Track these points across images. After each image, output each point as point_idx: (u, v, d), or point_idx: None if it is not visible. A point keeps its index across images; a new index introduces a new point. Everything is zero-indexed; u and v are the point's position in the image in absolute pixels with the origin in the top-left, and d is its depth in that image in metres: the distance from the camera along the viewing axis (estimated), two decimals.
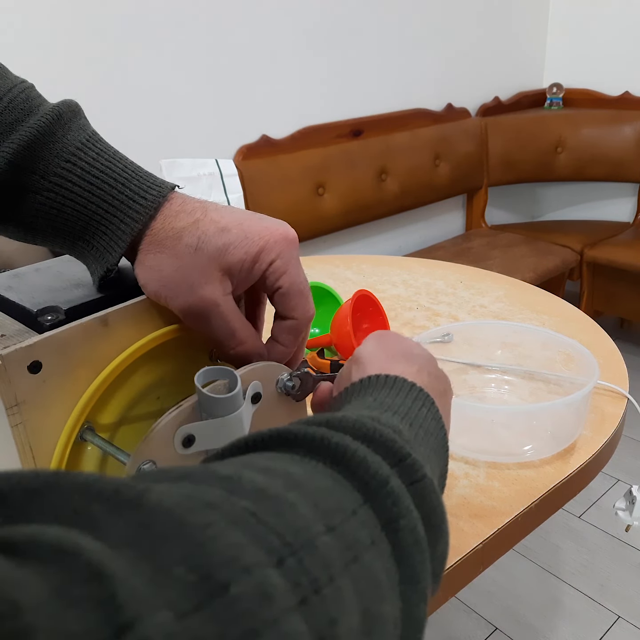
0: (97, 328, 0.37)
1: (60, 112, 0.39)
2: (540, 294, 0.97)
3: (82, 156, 0.38)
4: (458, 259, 2.19)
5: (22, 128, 0.38)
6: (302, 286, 0.41)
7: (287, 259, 0.39)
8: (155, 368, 0.40)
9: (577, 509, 1.73)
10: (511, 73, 2.67)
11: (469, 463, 0.59)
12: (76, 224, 0.39)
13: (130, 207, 0.38)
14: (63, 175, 0.38)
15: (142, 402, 0.40)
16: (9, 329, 0.35)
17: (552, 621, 1.42)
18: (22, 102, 0.38)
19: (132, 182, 0.39)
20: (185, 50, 1.73)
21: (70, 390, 0.36)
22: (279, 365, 0.41)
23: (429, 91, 2.38)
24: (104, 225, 0.39)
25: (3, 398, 0.33)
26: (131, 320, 0.39)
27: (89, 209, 0.38)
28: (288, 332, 0.42)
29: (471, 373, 0.74)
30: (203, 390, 0.35)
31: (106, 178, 0.38)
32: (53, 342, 0.34)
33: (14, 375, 0.33)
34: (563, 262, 2.24)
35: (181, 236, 0.38)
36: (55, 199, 0.38)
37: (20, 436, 0.34)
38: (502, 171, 2.55)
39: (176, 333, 0.41)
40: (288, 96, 1.99)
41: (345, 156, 2.10)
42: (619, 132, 2.46)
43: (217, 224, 0.39)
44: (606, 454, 0.62)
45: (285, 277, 0.40)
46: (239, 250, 0.38)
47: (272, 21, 1.88)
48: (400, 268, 1.10)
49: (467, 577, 0.50)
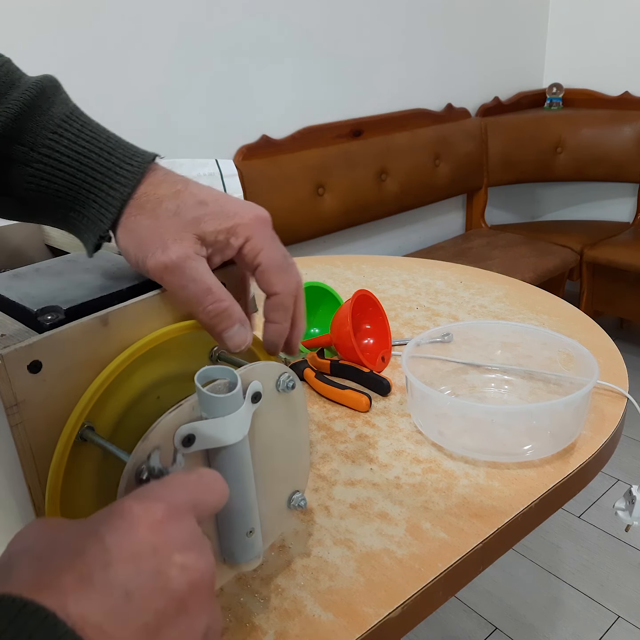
0: (97, 328, 0.37)
1: (43, 86, 0.40)
2: (540, 294, 0.97)
3: (67, 127, 0.40)
4: (458, 259, 2.19)
5: (6, 101, 0.38)
6: (280, 261, 0.42)
7: (262, 236, 0.41)
8: (156, 368, 0.40)
9: (577, 508, 1.73)
10: (511, 73, 2.67)
11: (468, 463, 0.60)
12: (67, 195, 0.40)
13: (117, 173, 0.40)
14: (51, 146, 0.39)
15: (142, 402, 0.40)
16: (8, 328, 0.35)
17: (551, 621, 1.42)
18: (2, 76, 0.39)
19: (117, 150, 0.40)
20: (185, 50, 1.73)
21: (70, 390, 0.36)
22: (280, 365, 0.41)
23: (429, 91, 2.38)
24: (93, 194, 0.40)
25: (3, 398, 0.33)
26: (131, 320, 0.39)
27: (78, 177, 0.39)
28: (275, 309, 0.43)
29: (471, 373, 0.74)
30: (203, 390, 0.34)
31: (92, 147, 0.40)
32: (53, 341, 0.34)
33: (13, 375, 0.33)
34: (563, 262, 2.24)
35: (161, 202, 0.40)
36: (44, 170, 0.39)
37: (20, 436, 0.34)
38: (502, 171, 2.55)
39: (177, 332, 0.41)
40: (288, 96, 1.99)
41: (345, 156, 2.10)
42: (618, 132, 2.46)
43: (195, 197, 0.40)
44: (606, 453, 0.62)
45: (262, 254, 0.41)
46: (214, 221, 0.40)
47: (272, 21, 1.88)
48: (400, 268, 1.10)
49: (467, 577, 0.50)
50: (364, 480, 0.58)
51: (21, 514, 0.37)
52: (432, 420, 0.63)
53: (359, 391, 0.69)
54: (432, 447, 0.62)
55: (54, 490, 0.35)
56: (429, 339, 0.72)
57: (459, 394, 0.71)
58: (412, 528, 0.52)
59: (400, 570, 0.48)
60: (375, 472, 0.59)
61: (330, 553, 0.50)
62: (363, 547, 0.50)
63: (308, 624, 0.44)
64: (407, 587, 0.46)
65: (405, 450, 0.62)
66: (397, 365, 0.78)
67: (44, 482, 0.35)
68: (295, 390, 0.42)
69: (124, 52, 1.62)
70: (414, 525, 0.52)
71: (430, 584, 0.47)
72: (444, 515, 0.53)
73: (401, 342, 0.82)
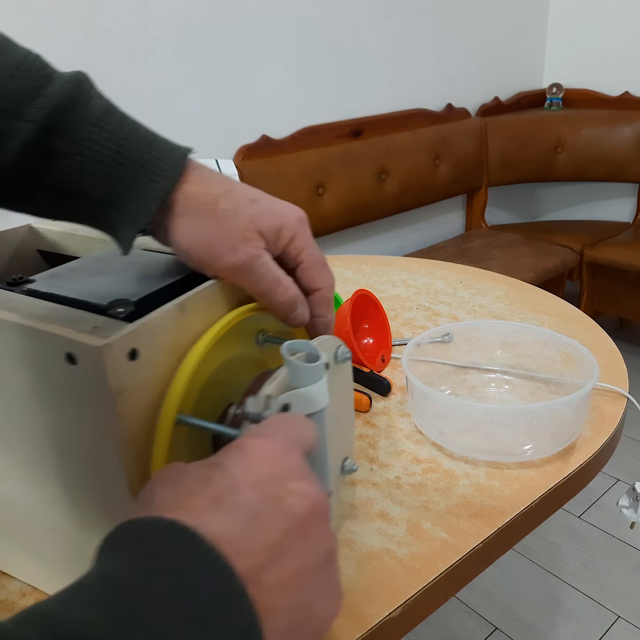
0: (176, 315, 0.38)
1: (80, 80, 0.40)
2: (540, 294, 0.97)
3: (107, 120, 0.40)
4: (458, 259, 2.19)
5: (44, 94, 0.39)
6: (320, 258, 0.45)
7: (304, 236, 0.43)
8: (222, 351, 0.42)
9: (577, 508, 1.73)
10: (511, 73, 2.67)
11: (469, 463, 0.60)
12: (106, 188, 0.40)
13: (158, 166, 0.40)
14: (92, 138, 0.39)
15: (211, 386, 0.41)
16: (95, 320, 0.36)
17: (552, 621, 1.42)
18: (38, 69, 0.39)
19: (156, 144, 0.41)
20: (184, 50, 1.73)
21: (157, 376, 0.37)
22: (337, 338, 0.44)
23: (429, 91, 2.38)
24: (132, 187, 0.40)
25: (110, 385, 0.33)
26: (202, 306, 0.40)
27: (118, 170, 0.39)
28: (320, 303, 0.45)
29: (471, 373, 0.74)
30: (296, 362, 0.37)
31: (132, 140, 0.40)
32: (147, 329, 0.36)
33: (118, 363, 0.34)
34: (563, 262, 2.24)
35: (217, 202, 0.41)
36: (85, 162, 0.39)
37: (122, 423, 0.35)
38: (502, 171, 2.55)
39: (244, 314, 0.42)
40: (288, 96, 1.99)
41: (345, 156, 2.10)
42: (618, 133, 2.46)
43: (246, 195, 0.42)
44: (606, 453, 0.62)
45: (305, 252, 0.43)
46: (268, 219, 0.42)
47: (273, 21, 1.88)
48: (400, 268, 1.10)
49: (467, 577, 0.50)
50: (364, 480, 0.58)
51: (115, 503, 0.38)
52: (432, 420, 0.63)
53: (359, 391, 0.69)
54: (432, 447, 0.62)
55: None
56: (429, 339, 0.72)
57: (459, 394, 0.71)
58: (413, 528, 0.52)
59: (401, 570, 0.48)
60: (376, 472, 0.59)
61: None
62: (363, 547, 0.50)
63: None
64: (408, 587, 0.46)
65: (406, 450, 0.62)
66: (397, 365, 0.78)
67: (140, 469, 0.37)
68: (347, 362, 0.45)
69: (124, 51, 1.62)
70: (414, 525, 0.52)
71: (431, 584, 0.47)
72: (444, 515, 0.53)
73: (401, 342, 0.82)
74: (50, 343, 0.35)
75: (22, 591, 0.47)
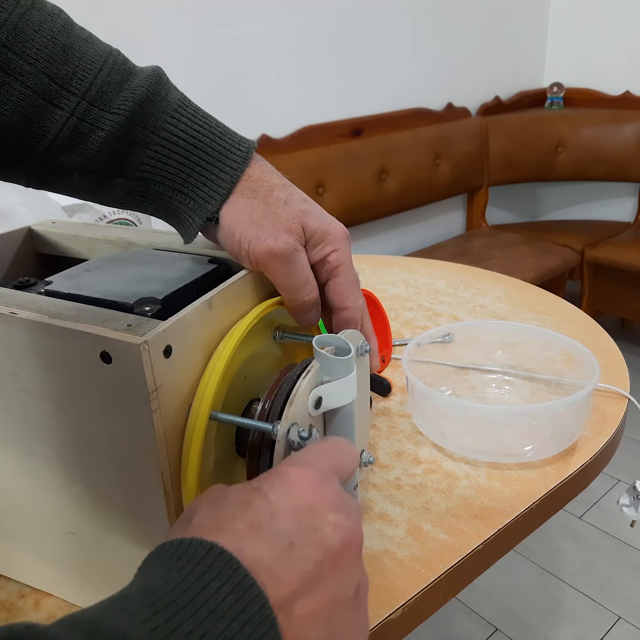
0: (205, 311, 0.38)
1: (160, 74, 0.43)
2: (540, 294, 0.96)
3: (183, 113, 0.42)
4: (458, 258, 2.19)
5: (130, 87, 0.41)
6: (355, 278, 0.46)
7: (346, 251, 0.45)
8: (246, 347, 0.42)
9: (577, 509, 1.73)
10: (512, 72, 2.67)
11: (469, 463, 0.59)
12: (178, 177, 0.42)
13: (228, 157, 0.42)
14: (170, 130, 0.41)
15: (235, 382, 0.42)
16: (127, 319, 0.36)
17: (552, 622, 1.42)
18: (122, 64, 0.42)
19: (226, 135, 0.43)
20: (184, 49, 1.73)
21: (188, 373, 0.37)
22: (358, 332, 0.45)
23: (429, 91, 2.38)
24: (204, 177, 0.42)
25: (147, 383, 0.34)
26: (229, 302, 0.41)
27: (192, 160, 0.42)
28: (346, 323, 0.46)
29: (472, 373, 0.74)
30: (329, 355, 0.38)
31: (205, 132, 0.42)
32: (179, 326, 0.36)
33: (154, 360, 0.34)
34: (564, 262, 2.24)
35: (273, 190, 0.43)
36: (162, 152, 0.41)
37: (157, 421, 0.35)
38: (502, 171, 2.55)
39: (267, 310, 0.43)
40: (288, 96, 1.99)
41: (345, 156, 2.10)
42: (619, 132, 2.46)
43: (300, 193, 0.44)
44: (607, 454, 0.62)
45: (343, 267, 0.44)
46: (315, 221, 0.43)
47: (273, 21, 1.88)
48: (400, 268, 1.10)
49: (467, 578, 0.50)
50: (364, 481, 0.57)
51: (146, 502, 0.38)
52: (432, 421, 0.63)
53: None
54: (432, 448, 0.62)
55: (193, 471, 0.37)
56: (430, 339, 0.72)
57: (459, 395, 0.71)
58: (413, 529, 0.52)
59: (401, 571, 0.47)
60: (376, 473, 0.59)
61: None
62: (363, 548, 0.50)
63: None
64: (408, 588, 0.46)
65: (406, 451, 0.61)
66: (397, 365, 0.77)
67: (173, 465, 0.37)
68: (367, 355, 0.46)
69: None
70: (414, 526, 0.52)
71: (431, 585, 0.46)
72: (445, 516, 0.53)
73: (401, 342, 0.82)
74: (83, 342, 0.34)
75: (21, 592, 0.47)
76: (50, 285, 0.42)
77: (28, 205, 0.80)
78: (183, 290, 0.42)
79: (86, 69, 0.40)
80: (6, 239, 0.54)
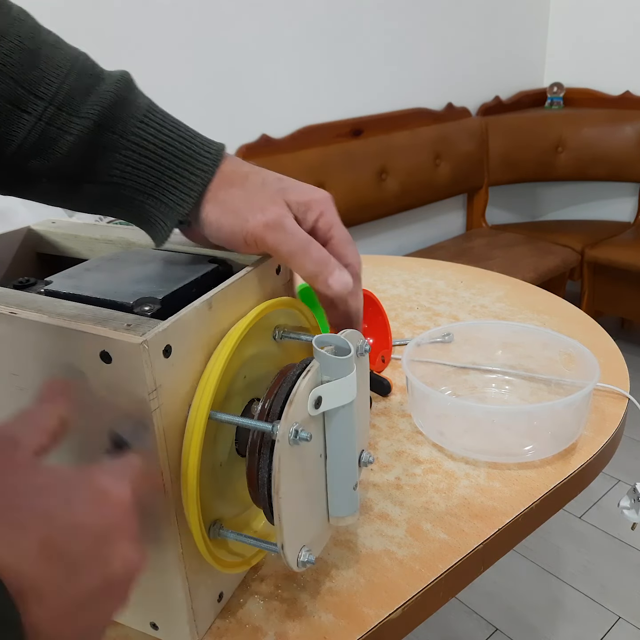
0: (205, 311, 0.38)
1: (129, 79, 0.43)
2: (540, 294, 0.96)
3: (152, 117, 0.42)
4: (458, 258, 2.19)
5: (98, 91, 0.41)
6: (348, 236, 0.46)
7: (332, 213, 0.45)
8: (246, 347, 0.42)
9: (577, 509, 1.73)
10: (512, 72, 2.67)
11: (469, 463, 0.59)
12: (148, 181, 0.42)
13: (198, 160, 0.42)
14: (139, 134, 0.42)
15: (235, 382, 0.42)
16: (126, 318, 0.36)
17: (552, 622, 1.42)
18: (90, 68, 0.42)
19: (196, 139, 0.43)
20: (184, 49, 1.73)
21: (187, 373, 0.37)
22: (357, 332, 0.45)
23: (429, 91, 2.38)
24: (174, 180, 0.42)
25: (147, 382, 0.34)
26: (229, 302, 0.41)
27: (162, 164, 0.42)
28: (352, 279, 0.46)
29: (472, 373, 0.74)
30: (329, 355, 0.38)
31: (174, 136, 0.42)
32: (179, 326, 0.36)
33: (154, 360, 0.34)
34: (564, 262, 2.24)
35: (247, 176, 0.44)
36: (132, 157, 0.41)
37: (158, 421, 0.35)
38: (502, 171, 2.55)
39: (269, 310, 0.43)
40: (288, 96, 1.99)
41: (345, 156, 2.10)
42: (619, 132, 2.45)
43: (274, 174, 0.45)
44: (607, 454, 0.62)
45: (335, 228, 0.44)
46: (295, 194, 0.43)
47: (273, 20, 1.88)
48: (400, 268, 1.10)
49: (467, 578, 0.50)
50: (364, 480, 0.57)
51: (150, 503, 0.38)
52: (432, 421, 0.63)
53: None
54: (432, 448, 0.62)
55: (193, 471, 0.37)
56: (430, 339, 0.72)
57: (459, 395, 0.71)
58: (413, 529, 0.52)
59: (401, 571, 0.47)
60: (376, 472, 0.59)
61: (330, 554, 0.49)
62: (363, 548, 0.50)
63: (308, 625, 0.44)
64: (408, 588, 0.46)
65: (406, 451, 0.61)
66: (397, 365, 0.77)
67: (173, 465, 0.37)
68: (366, 355, 0.46)
69: (123, 51, 1.61)
70: (414, 526, 0.52)
71: (431, 585, 0.46)
72: (445, 516, 0.53)
73: (401, 342, 0.82)
74: (83, 342, 0.34)
75: None
76: (50, 285, 0.42)
77: (28, 205, 0.80)
78: (183, 290, 0.42)
79: (53, 73, 0.40)
80: (6, 239, 0.53)
